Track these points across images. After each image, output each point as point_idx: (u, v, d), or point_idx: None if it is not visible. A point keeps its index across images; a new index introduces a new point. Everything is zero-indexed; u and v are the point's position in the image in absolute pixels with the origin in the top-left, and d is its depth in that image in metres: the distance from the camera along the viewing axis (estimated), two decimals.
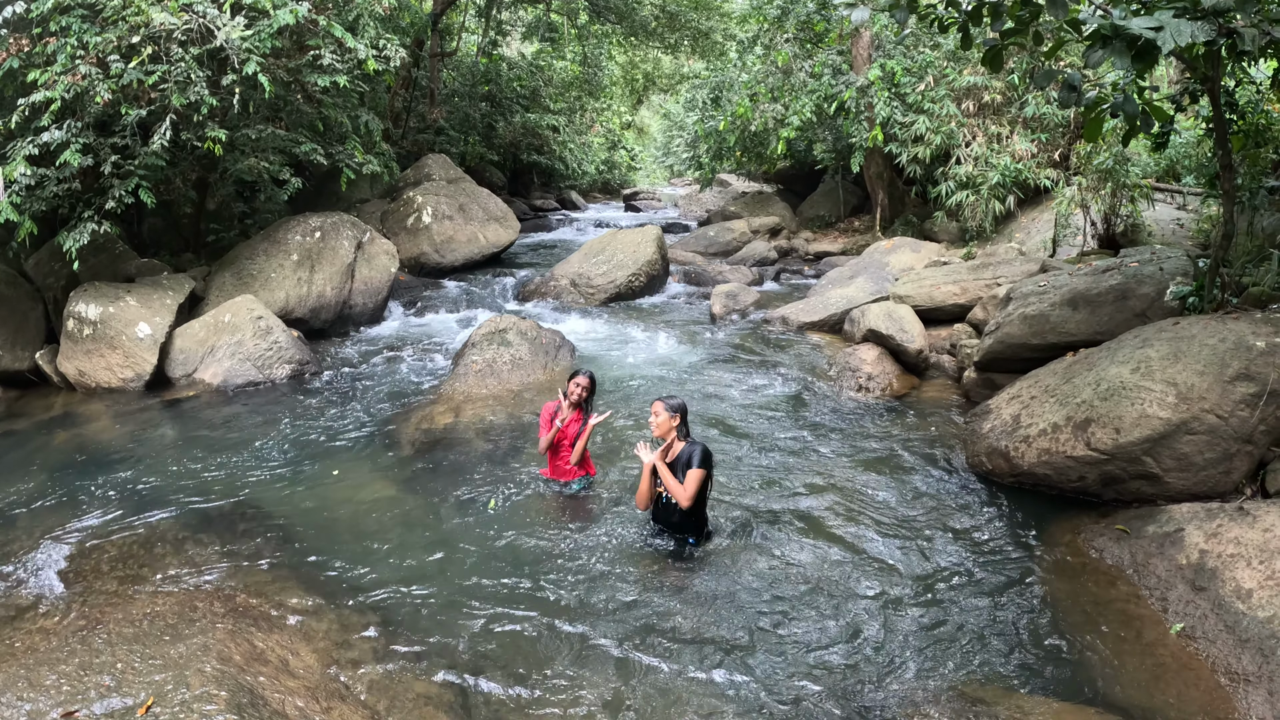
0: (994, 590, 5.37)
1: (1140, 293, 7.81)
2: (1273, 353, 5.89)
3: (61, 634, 4.58)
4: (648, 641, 4.83)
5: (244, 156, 11.51)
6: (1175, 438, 5.88)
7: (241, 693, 4.08)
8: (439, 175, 17.90)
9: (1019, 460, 6.62)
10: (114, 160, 9.42)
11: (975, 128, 15.54)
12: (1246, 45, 4.76)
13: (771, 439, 7.88)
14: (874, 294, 12.19)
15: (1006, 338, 8.35)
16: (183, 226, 13.22)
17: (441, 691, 4.41)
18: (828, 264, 16.90)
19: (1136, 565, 5.40)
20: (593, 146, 31.99)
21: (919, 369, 9.84)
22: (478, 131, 24.20)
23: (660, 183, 40.41)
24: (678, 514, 5.70)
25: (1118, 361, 6.51)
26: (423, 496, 6.79)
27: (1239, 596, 4.72)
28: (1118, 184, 11.29)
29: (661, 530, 5.90)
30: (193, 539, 5.96)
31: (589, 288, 14.27)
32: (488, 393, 9.01)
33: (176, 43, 9.18)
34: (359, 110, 13.26)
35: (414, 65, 20.87)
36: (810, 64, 18.19)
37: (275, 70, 10.27)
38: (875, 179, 18.07)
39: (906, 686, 4.47)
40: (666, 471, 5.61)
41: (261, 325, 10.05)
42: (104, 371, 9.52)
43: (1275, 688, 4.19)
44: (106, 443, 8.02)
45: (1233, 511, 5.32)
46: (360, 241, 12.55)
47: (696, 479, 5.51)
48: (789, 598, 5.30)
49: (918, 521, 6.27)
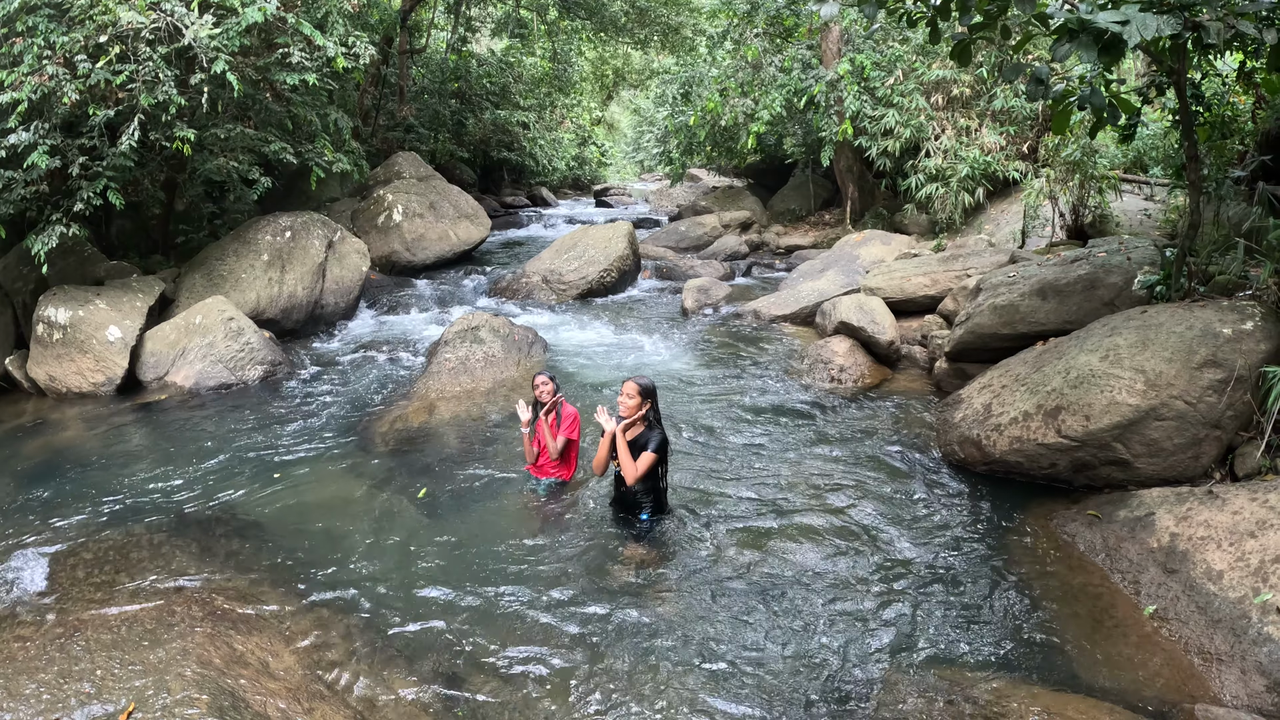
0: (969, 576, 5.44)
1: (1108, 282, 7.92)
2: (1239, 339, 6.01)
3: (39, 642, 4.53)
4: (624, 633, 4.85)
5: (213, 156, 11.39)
6: (1144, 424, 5.98)
7: (223, 696, 4.07)
8: (409, 173, 17.80)
9: (991, 448, 6.71)
10: (82, 162, 9.28)
11: (944, 121, 15.69)
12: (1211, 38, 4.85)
13: (745, 431, 7.93)
14: (845, 287, 12.27)
15: (977, 328, 8.44)
16: (151, 228, 13.06)
17: (424, 689, 4.41)
18: (799, 257, 16.98)
19: (1109, 549, 5.49)
20: (563, 143, 31.92)
21: (891, 360, 9.93)
22: (447, 129, 24.08)
23: (631, 178, 40.42)
24: (631, 491, 5.86)
25: (1087, 350, 6.61)
26: (398, 495, 6.77)
27: (1210, 578, 4.81)
28: (1085, 175, 11.44)
29: (626, 517, 6.02)
30: (168, 543, 5.91)
31: (561, 284, 14.26)
32: (461, 390, 8.99)
33: (144, 42, 9.06)
34: (328, 108, 13.15)
35: (383, 63, 20.72)
36: (780, 59, 18.28)
37: (244, 69, 10.17)
38: (845, 172, 18.19)
39: (883, 673, 4.52)
40: (623, 445, 5.78)
41: (233, 326, 9.95)
42: (75, 376, 9.39)
43: (1248, 666, 4.29)
44: (79, 448, 7.92)
45: (1202, 495, 5.42)
46: (331, 240, 12.46)
47: (648, 461, 5.70)
48: (762, 587, 5.34)
49: (892, 510, 6.34)
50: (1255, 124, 8.77)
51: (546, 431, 6.56)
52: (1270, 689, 4.15)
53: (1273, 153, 8.01)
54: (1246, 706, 4.13)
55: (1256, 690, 4.18)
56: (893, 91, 15.80)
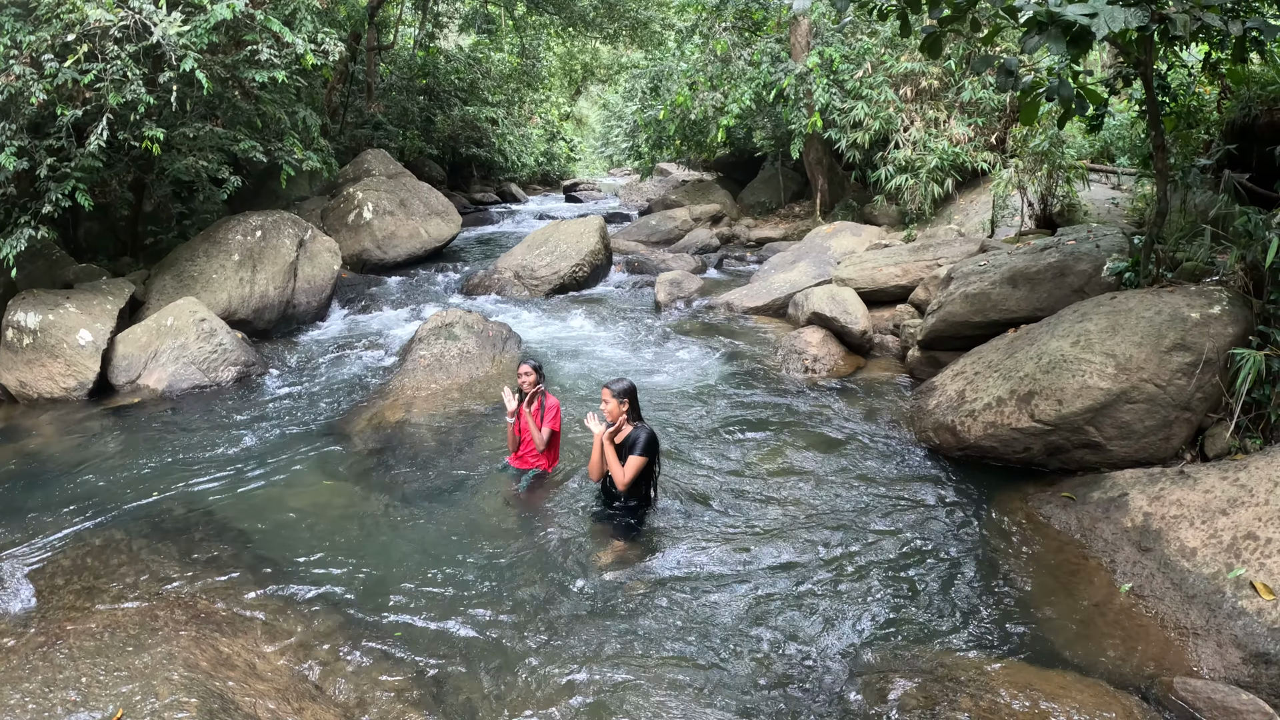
0: (947, 559, 5.53)
1: (1078, 269, 8.05)
2: (1207, 323, 6.14)
3: (22, 652, 4.47)
4: (612, 624, 4.89)
5: (181, 156, 11.25)
6: (1116, 407, 6.10)
7: (212, 698, 4.06)
8: (379, 170, 17.67)
9: (965, 434, 6.81)
10: (49, 163, 9.13)
11: (913, 113, 15.80)
12: (1178, 30, 4.94)
13: (721, 422, 7.99)
14: (817, 278, 12.36)
15: (949, 316, 8.54)
16: (120, 230, 12.89)
17: (412, 686, 4.42)
18: (770, 250, 17.04)
19: (1084, 530, 5.60)
20: (532, 138, 31.79)
21: (864, 349, 10.02)
22: (416, 125, 23.91)
23: (600, 173, 40.34)
24: (619, 491, 5.91)
25: (1058, 335, 6.72)
26: (377, 493, 6.76)
27: (1184, 555, 4.93)
28: (1053, 165, 11.58)
29: (609, 510, 6.06)
30: (148, 548, 5.85)
31: (533, 279, 14.24)
32: (437, 387, 8.97)
33: (112, 40, 8.93)
34: (296, 106, 13.02)
35: (350, 60, 20.53)
36: (749, 52, 18.31)
37: (212, 66, 10.05)
38: (815, 165, 18.27)
39: (866, 656, 4.59)
40: (612, 454, 5.86)
41: (205, 327, 9.86)
42: (46, 381, 9.26)
43: (1223, 639, 4.40)
44: (52, 455, 7.82)
45: (1174, 475, 5.54)
46: (302, 239, 12.37)
47: (636, 466, 5.76)
48: (743, 574, 5.41)
49: (869, 496, 6.42)
50: (1220, 114, 8.93)
51: (531, 422, 6.57)
52: (1246, 661, 4.27)
53: (1237, 142, 8.17)
54: (1223, 678, 4.25)
55: (1233, 662, 4.30)
56: (862, 84, 15.89)
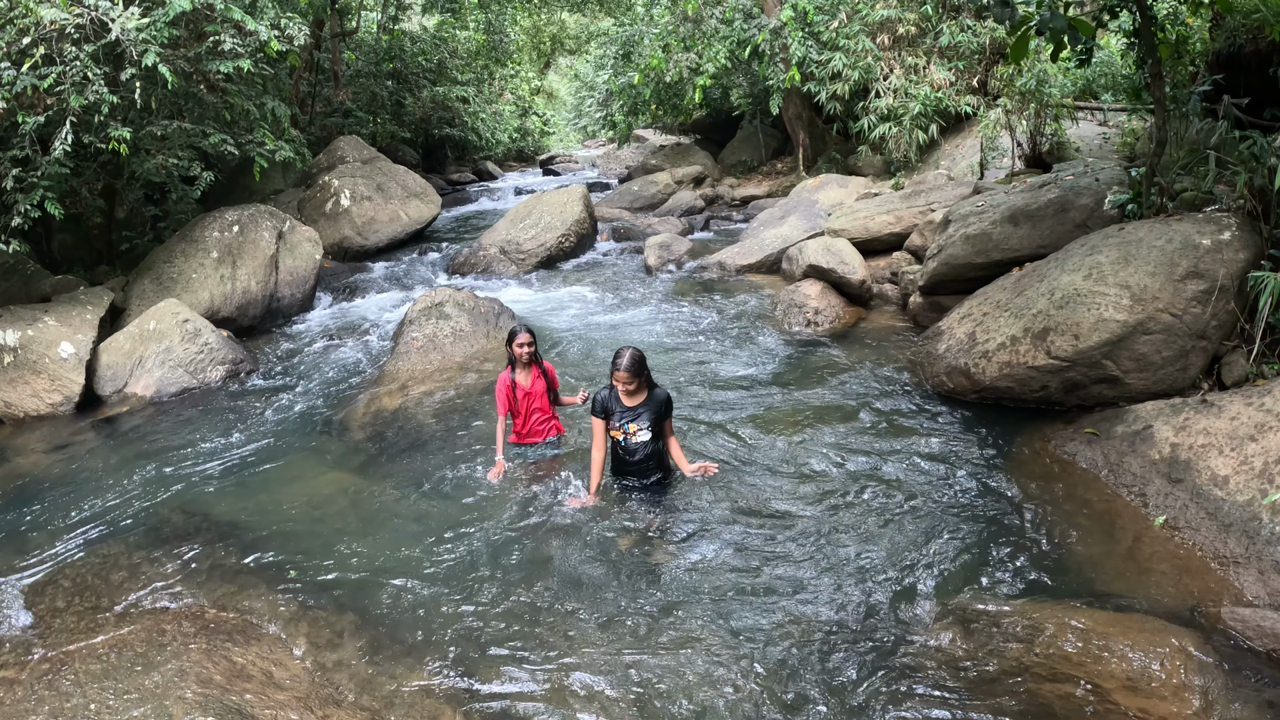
0: (974, 504, 5.40)
1: (1079, 204, 7.88)
2: (1219, 249, 5.99)
3: (26, 682, 4.25)
4: (644, 602, 4.73)
5: (150, 157, 10.96)
6: (1133, 339, 5.95)
7: (229, 714, 3.88)
8: (353, 157, 17.36)
9: (980, 376, 6.66)
10: (15, 174, 8.85)
11: (892, 61, 15.55)
12: None
13: (728, 382, 7.82)
14: (808, 231, 12.17)
15: (950, 259, 8.37)
16: (94, 238, 12.60)
17: (439, 682, 4.25)
18: (755, 207, 16.85)
19: (1110, 465, 5.47)
20: (504, 115, 31.38)
21: (864, 299, 9.86)
22: (386, 110, 23.56)
23: (575, 146, 39.91)
24: (640, 453, 5.63)
25: (1069, 270, 6.55)
26: (381, 482, 6.55)
27: (1216, 484, 4.80)
28: (1041, 104, 11.41)
29: (627, 482, 5.78)
30: (149, 560, 5.65)
31: (519, 253, 14.01)
32: (433, 368, 8.77)
33: (70, 40, 8.62)
34: (264, 98, 12.70)
35: (315, 48, 20.12)
36: (720, 10, 17.99)
37: (175, 61, 9.74)
38: (795, 120, 18.02)
39: (902, 608, 4.47)
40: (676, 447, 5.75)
41: (189, 329, 9.62)
42: (31, 399, 9.01)
43: (1265, 566, 4.29)
44: (44, 473, 7.59)
45: (1197, 404, 5.41)
46: (281, 231, 12.10)
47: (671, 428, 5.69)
48: (768, 535, 5.26)
49: (890, 446, 6.28)
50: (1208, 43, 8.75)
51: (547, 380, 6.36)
52: None
53: (1224, 72, 8.04)
54: (1269, 605, 4.13)
55: (1276, 588, 4.20)
56: (838, 35, 15.62)
